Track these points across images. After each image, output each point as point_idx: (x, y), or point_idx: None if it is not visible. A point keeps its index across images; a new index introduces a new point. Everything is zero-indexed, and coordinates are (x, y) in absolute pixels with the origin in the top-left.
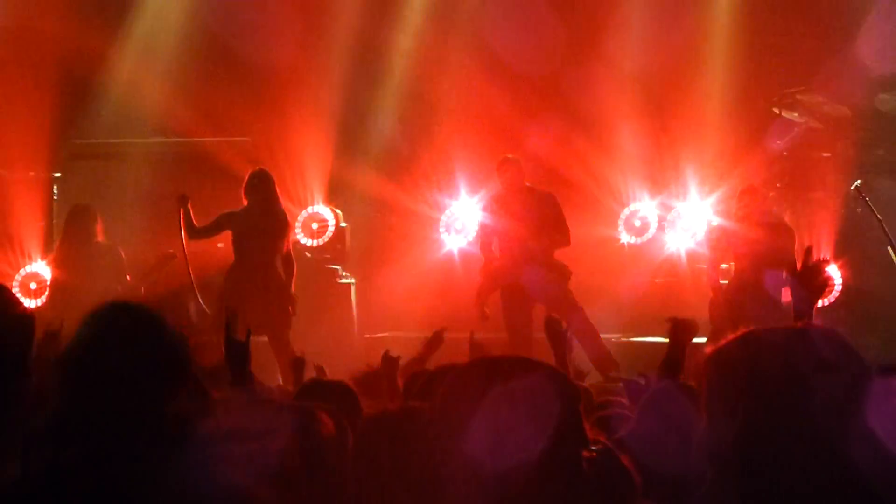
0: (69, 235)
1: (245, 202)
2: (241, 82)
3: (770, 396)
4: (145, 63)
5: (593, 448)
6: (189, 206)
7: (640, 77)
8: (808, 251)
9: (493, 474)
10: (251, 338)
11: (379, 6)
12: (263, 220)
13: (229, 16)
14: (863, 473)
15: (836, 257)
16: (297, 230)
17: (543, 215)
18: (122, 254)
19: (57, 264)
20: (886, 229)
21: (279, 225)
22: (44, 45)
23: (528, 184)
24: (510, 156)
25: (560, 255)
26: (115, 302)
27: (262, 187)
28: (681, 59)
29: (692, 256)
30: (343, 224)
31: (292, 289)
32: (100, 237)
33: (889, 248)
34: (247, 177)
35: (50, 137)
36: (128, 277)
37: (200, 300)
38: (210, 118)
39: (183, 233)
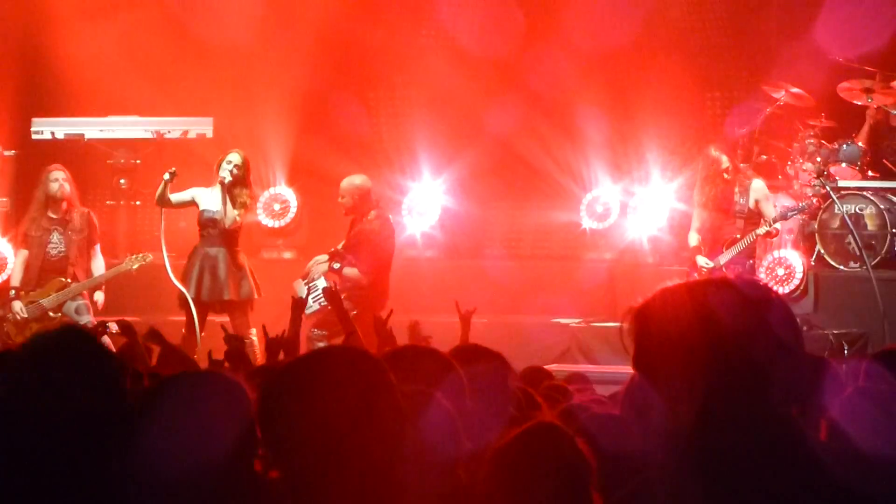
0: (31, 209)
1: (216, 181)
2: (205, 63)
3: (729, 379)
4: (108, 41)
5: (542, 428)
6: (172, 181)
7: (603, 62)
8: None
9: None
10: (212, 318)
11: None
12: (230, 200)
13: None
14: (818, 456)
15: (799, 244)
16: (259, 211)
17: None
18: (94, 220)
19: (21, 240)
20: (847, 218)
21: (242, 207)
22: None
23: None
24: None
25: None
26: None
27: (235, 169)
28: (642, 43)
29: (654, 242)
30: None
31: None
32: (67, 198)
33: (851, 238)
34: (223, 155)
35: (7, 115)
36: (98, 246)
37: (174, 279)
38: (173, 98)
39: (162, 211)
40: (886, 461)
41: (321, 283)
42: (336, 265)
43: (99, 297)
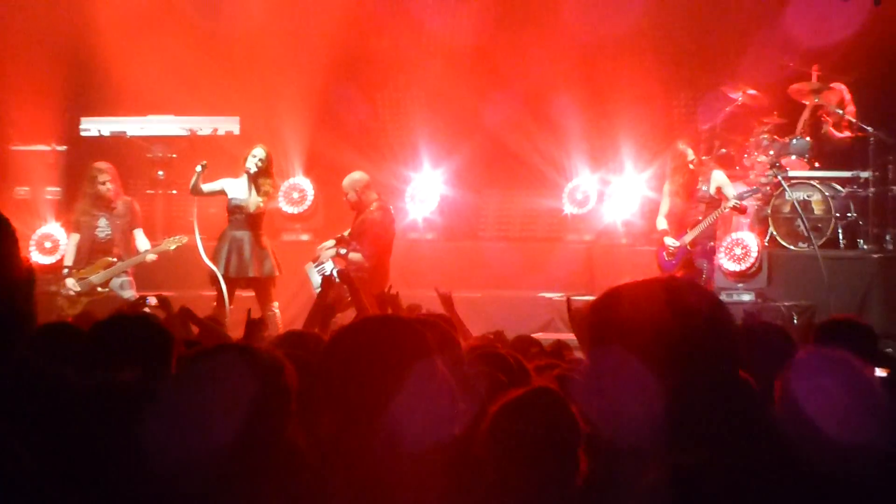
0: (82, 200)
1: (243, 172)
2: (233, 69)
3: (701, 365)
4: (148, 49)
5: (538, 392)
6: (204, 173)
7: (582, 66)
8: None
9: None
10: (239, 293)
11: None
12: (254, 189)
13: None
14: (786, 436)
15: (754, 227)
16: (280, 199)
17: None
18: (136, 207)
19: (73, 225)
20: (797, 204)
21: (266, 195)
22: (52, 23)
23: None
24: None
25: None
26: None
27: (259, 161)
28: (618, 49)
29: (627, 225)
30: None
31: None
32: (113, 195)
33: (800, 222)
34: (249, 150)
35: (59, 114)
36: (140, 230)
37: (205, 258)
38: (205, 99)
39: (195, 199)
40: (833, 423)
41: (329, 267)
42: (342, 251)
43: (151, 257)
